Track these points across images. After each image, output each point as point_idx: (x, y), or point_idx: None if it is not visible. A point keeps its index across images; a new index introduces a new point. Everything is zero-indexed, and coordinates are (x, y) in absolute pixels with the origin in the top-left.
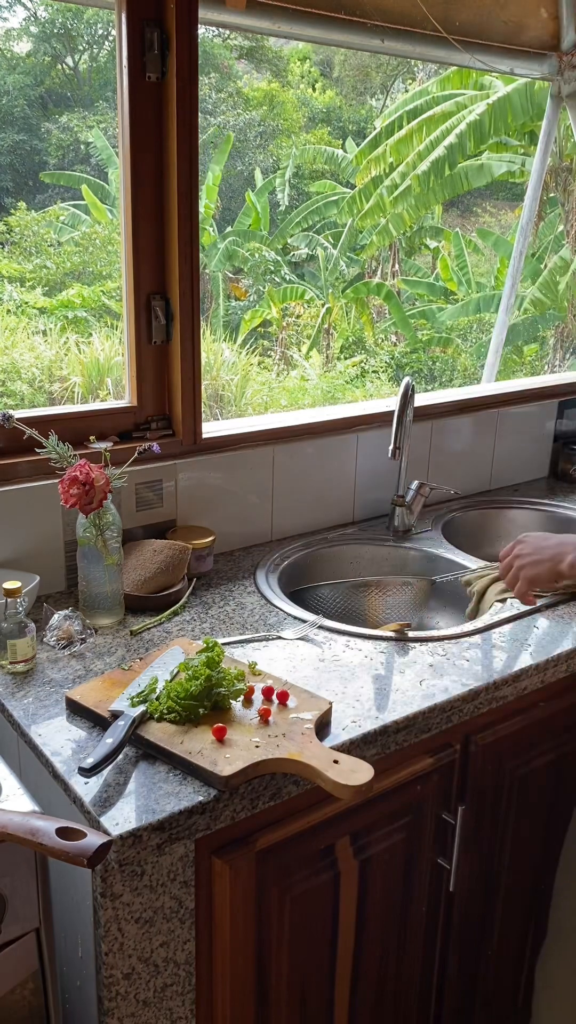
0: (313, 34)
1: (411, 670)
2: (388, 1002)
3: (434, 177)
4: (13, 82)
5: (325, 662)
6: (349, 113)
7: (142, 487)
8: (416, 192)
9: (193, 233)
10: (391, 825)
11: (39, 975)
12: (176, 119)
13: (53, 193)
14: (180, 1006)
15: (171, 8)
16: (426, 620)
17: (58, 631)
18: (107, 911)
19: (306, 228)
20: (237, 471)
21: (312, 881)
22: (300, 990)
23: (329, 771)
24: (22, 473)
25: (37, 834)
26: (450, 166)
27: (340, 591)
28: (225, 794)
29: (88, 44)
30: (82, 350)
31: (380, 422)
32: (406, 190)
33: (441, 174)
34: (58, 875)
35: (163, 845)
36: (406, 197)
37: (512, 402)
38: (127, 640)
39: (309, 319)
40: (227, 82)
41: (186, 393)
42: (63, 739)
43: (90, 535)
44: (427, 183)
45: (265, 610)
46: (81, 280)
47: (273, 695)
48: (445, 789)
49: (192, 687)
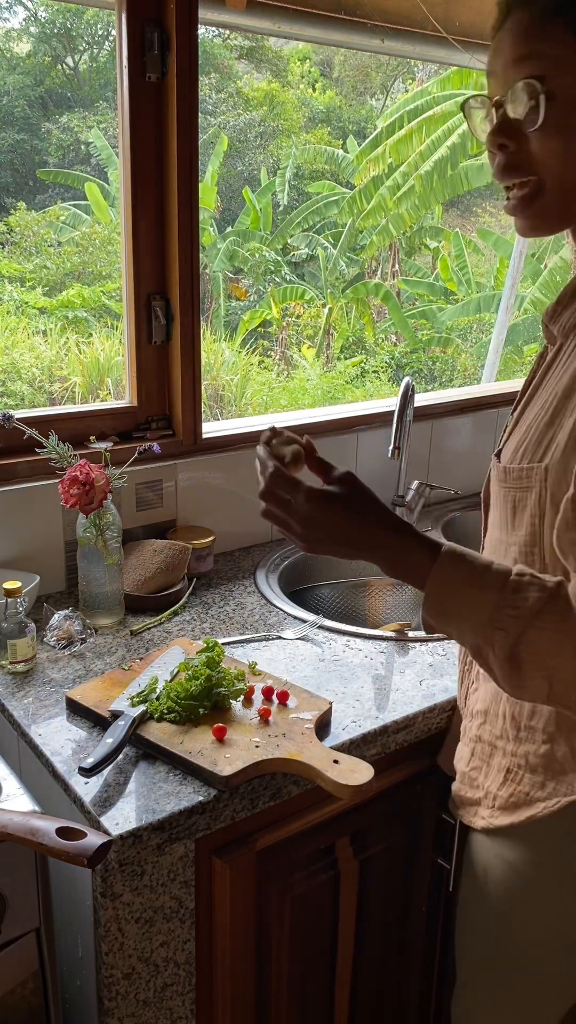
0: (313, 34)
1: (411, 670)
2: (388, 1002)
3: (437, 177)
4: (13, 82)
5: (325, 662)
6: (349, 113)
7: (142, 487)
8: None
9: (193, 233)
10: (391, 825)
11: (39, 975)
12: (176, 119)
13: (53, 193)
14: (180, 1006)
15: (171, 8)
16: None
17: (58, 631)
18: (107, 911)
19: (306, 228)
20: (237, 471)
21: (312, 881)
22: (300, 990)
23: (329, 771)
24: (22, 473)
25: (37, 834)
26: (452, 166)
27: (340, 591)
28: (225, 794)
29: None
30: (82, 350)
31: (380, 422)
32: (409, 190)
33: (444, 174)
34: (58, 875)
35: (163, 845)
36: (409, 197)
37: (512, 402)
38: (127, 640)
39: (309, 319)
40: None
41: (186, 393)
42: (63, 739)
43: (90, 535)
44: (430, 183)
45: (265, 610)
46: (81, 280)
47: (273, 695)
48: (445, 789)
49: (192, 687)
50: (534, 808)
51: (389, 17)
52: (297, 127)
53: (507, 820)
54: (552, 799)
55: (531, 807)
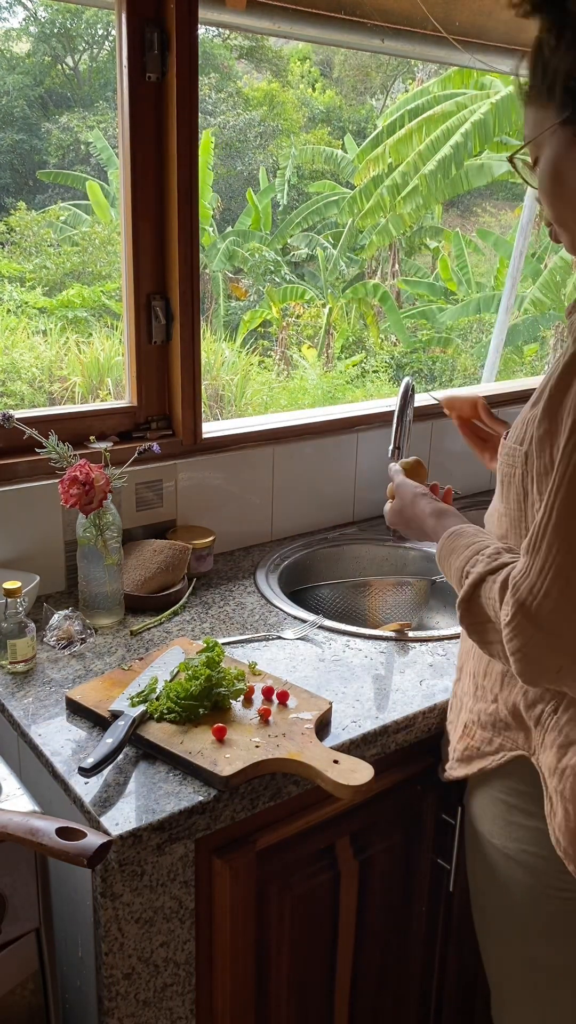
0: (313, 34)
1: (411, 670)
2: (388, 1002)
3: (440, 176)
4: (13, 82)
5: (325, 662)
6: (349, 113)
7: (142, 487)
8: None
9: (193, 233)
10: (391, 825)
11: (39, 975)
12: (176, 119)
13: (53, 193)
14: (180, 1006)
15: (171, 8)
16: (426, 620)
17: (58, 631)
18: (107, 911)
19: (306, 228)
20: (237, 471)
21: (312, 881)
22: (300, 990)
23: (329, 771)
24: (22, 473)
25: (37, 834)
26: (457, 165)
27: (340, 591)
28: (225, 794)
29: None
30: (82, 350)
31: (380, 422)
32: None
33: (448, 174)
34: (58, 875)
35: (163, 845)
36: (412, 197)
37: (512, 402)
38: (127, 640)
39: (309, 319)
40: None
41: (186, 393)
42: (63, 739)
43: (90, 535)
44: (434, 183)
45: (265, 610)
46: (81, 280)
47: (273, 695)
48: (445, 789)
49: (192, 687)
50: (484, 760)
51: (389, 17)
52: (297, 127)
53: (462, 771)
54: (499, 753)
55: (482, 759)
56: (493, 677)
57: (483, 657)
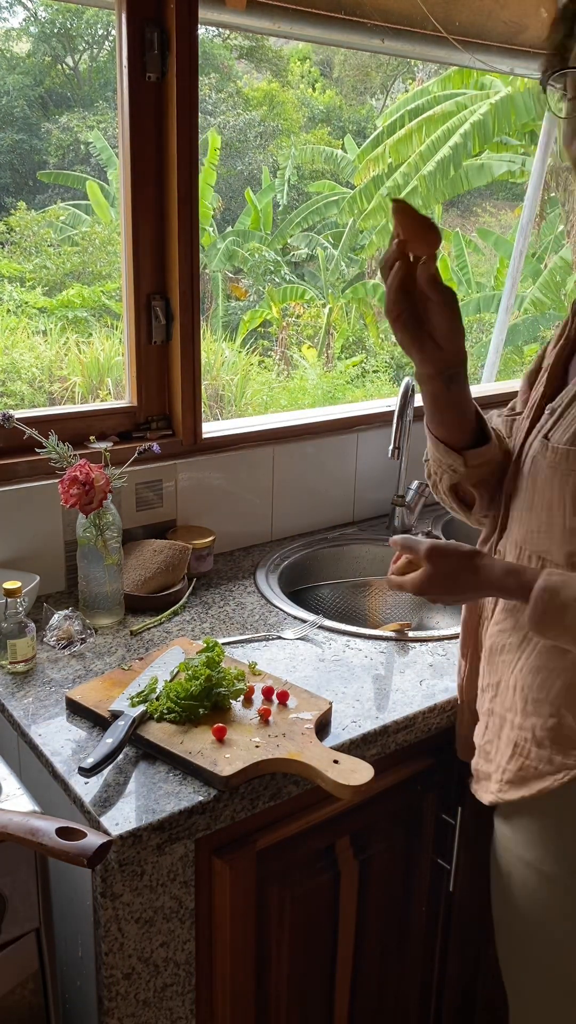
0: (313, 34)
1: (411, 670)
2: (388, 1002)
3: (440, 176)
4: (13, 82)
5: (325, 662)
6: (349, 113)
7: (142, 487)
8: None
9: (193, 233)
10: (391, 825)
11: (39, 975)
12: (176, 119)
13: (53, 193)
14: (180, 1006)
15: (171, 8)
16: (426, 620)
17: (58, 631)
18: (107, 911)
19: (306, 228)
20: (237, 471)
21: (312, 881)
22: (300, 990)
23: (329, 771)
24: (22, 473)
25: (37, 834)
26: (455, 166)
27: (340, 591)
28: (225, 794)
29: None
30: (82, 350)
31: (380, 422)
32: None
33: (447, 174)
34: (58, 875)
35: (163, 845)
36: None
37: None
38: (127, 640)
39: (309, 319)
40: (227, 82)
41: (186, 393)
42: (63, 739)
43: (90, 535)
44: (434, 183)
45: (265, 610)
46: (81, 280)
47: (273, 695)
48: (445, 789)
49: (192, 687)
50: (544, 781)
51: (389, 17)
52: (297, 127)
53: (516, 794)
54: (560, 772)
55: (541, 780)
56: (553, 688)
57: (537, 669)
